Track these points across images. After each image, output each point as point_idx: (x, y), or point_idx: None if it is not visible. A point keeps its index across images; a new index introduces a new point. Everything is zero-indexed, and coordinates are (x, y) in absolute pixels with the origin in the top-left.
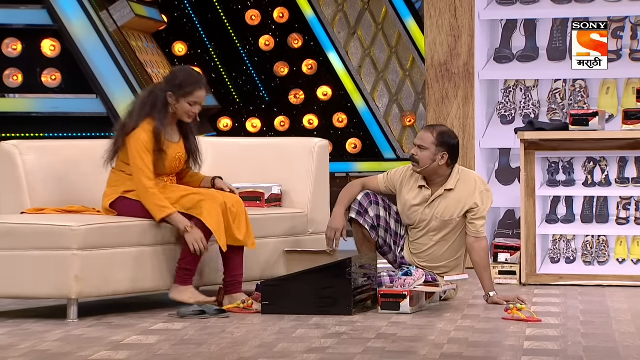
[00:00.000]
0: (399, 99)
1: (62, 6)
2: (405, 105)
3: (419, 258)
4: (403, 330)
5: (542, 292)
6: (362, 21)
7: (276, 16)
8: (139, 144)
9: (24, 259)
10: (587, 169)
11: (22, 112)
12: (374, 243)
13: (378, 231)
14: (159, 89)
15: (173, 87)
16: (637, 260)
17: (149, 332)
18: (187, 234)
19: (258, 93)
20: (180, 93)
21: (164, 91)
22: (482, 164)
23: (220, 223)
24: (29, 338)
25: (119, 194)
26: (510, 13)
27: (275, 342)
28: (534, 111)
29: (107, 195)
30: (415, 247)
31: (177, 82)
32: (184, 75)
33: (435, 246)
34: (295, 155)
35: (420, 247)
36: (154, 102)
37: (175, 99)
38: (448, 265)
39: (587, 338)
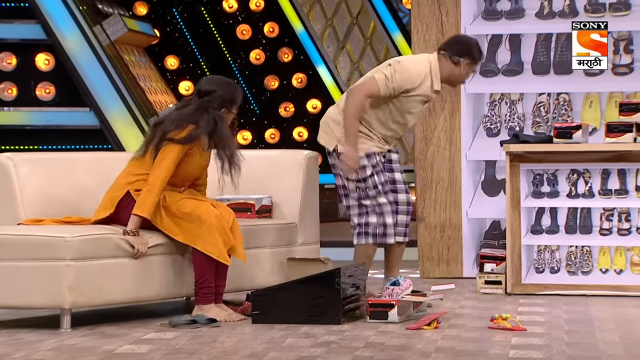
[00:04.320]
0: None
1: (56, 21)
2: None
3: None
4: (391, 339)
5: (527, 302)
6: (351, 36)
7: (267, 31)
8: (173, 152)
9: (18, 269)
10: (571, 180)
11: (17, 125)
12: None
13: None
14: (211, 108)
15: (226, 103)
16: (620, 270)
17: (141, 341)
18: (132, 237)
19: (249, 106)
20: (232, 106)
21: (218, 109)
22: (468, 175)
23: (219, 244)
24: (22, 347)
25: (127, 188)
26: (496, 28)
27: (265, 351)
28: (519, 124)
29: (112, 195)
30: (399, 128)
31: (229, 97)
32: (230, 88)
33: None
34: (285, 167)
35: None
36: (205, 118)
37: (228, 112)
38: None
39: (571, 347)
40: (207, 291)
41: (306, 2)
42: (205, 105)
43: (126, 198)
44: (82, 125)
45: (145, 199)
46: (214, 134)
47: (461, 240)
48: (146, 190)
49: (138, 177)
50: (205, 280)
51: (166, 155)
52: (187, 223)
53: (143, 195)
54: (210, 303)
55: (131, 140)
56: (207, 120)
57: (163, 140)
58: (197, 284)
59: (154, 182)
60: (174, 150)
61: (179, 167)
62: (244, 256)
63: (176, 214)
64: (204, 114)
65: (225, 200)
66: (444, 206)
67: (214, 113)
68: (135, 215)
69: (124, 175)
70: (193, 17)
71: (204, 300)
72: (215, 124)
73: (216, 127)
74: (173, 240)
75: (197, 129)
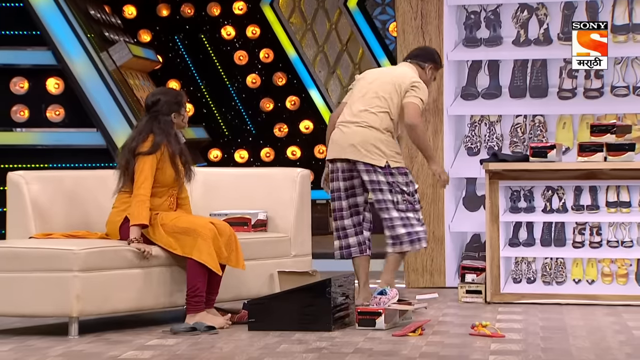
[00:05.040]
0: None
1: (66, 48)
2: None
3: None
4: (378, 345)
5: (506, 310)
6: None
7: (262, 56)
8: (146, 163)
9: (29, 280)
10: (546, 197)
11: (28, 145)
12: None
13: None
14: (161, 114)
15: (173, 106)
16: (591, 280)
17: (144, 347)
18: (137, 243)
19: (245, 127)
20: (180, 109)
21: (167, 114)
22: (450, 192)
23: (213, 254)
24: (33, 354)
25: (125, 215)
26: (476, 55)
27: (260, 356)
28: (498, 144)
29: (113, 220)
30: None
31: (175, 100)
32: (172, 93)
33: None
34: (280, 184)
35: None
36: (158, 125)
37: (178, 114)
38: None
39: (546, 352)
40: (198, 300)
41: (299, 30)
42: (155, 115)
43: (124, 222)
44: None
45: (138, 209)
46: (168, 137)
47: (444, 252)
48: (135, 201)
49: (130, 203)
50: (197, 289)
51: (143, 167)
52: (184, 237)
53: (133, 206)
54: (201, 312)
55: None
56: (160, 127)
57: (134, 158)
58: (189, 292)
59: (138, 192)
60: (146, 160)
61: (157, 177)
62: (242, 264)
63: (173, 229)
64: (154, 122)
65: (223, 215)
66: (428, 220)
67: (163, 119)
68: (134, 226)
69: (116, 206)
70: (193, 44)
71: (194, 309)
72: (167, 128)
73: (169, 131)
74: (171, 253)
75: (156, 136)
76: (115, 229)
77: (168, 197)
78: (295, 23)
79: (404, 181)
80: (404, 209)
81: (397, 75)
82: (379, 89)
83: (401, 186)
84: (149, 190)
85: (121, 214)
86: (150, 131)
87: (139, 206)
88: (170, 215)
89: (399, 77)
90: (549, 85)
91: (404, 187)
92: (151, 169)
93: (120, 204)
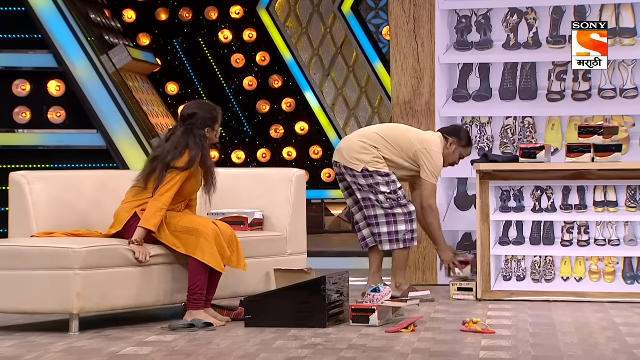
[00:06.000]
0: None
1: (67, 51)
2: None
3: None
4: (372, 342)
5: (496, 307)
6: (336, 64)
7: (259, 59)
8: (178, 177)
9: (31, 278)
10: (535, 196)
11: (30, 146)
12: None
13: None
14: (196, 128)
15: (208, 122)
16: (580, 278)
17: (144, 343)
18: (136, 246)
19: (242, 128)
20: (214, 124)
21: (202, 128)
22: (442, 192)
23: (216, 254)
24: (34, 350)
25: (134, 210)
26: (467, 58)
27: (257, 352)
28: (488, 145)
29: (122, 213)
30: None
31: (210, 116)
32: (209, 108)
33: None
34: (276, 184)
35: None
36: (194, 140)
37: (212, 130)
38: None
39: (535, 348)
40: (198, 297)
41: (295, 34)
42: (190, 127)
43: (133, 218)
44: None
45: (154, 214)
46: (203, 151)
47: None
48: (153, 205)
49: (143, 201)
50: (197, 287)
51: (173, 180)
52: (187, 236)
53: (150, 209)
54: (201, 309)
55: (135, 160)
56: (195, 141)
57: (167, 170)
58: (190, 290)
59: (160, 199)
60: (179, 177)
61: (181, 188)
62: (244, 265)
63: (177, 228)
64: (190, 135)
65: (221, 214)
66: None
67: (198, 133)
68: (141, 228)
69: (129, 199)
70: (191, 47)
71: (194, 306)
72: (202, 142)
73: (203, 145)
74: (173, 251)
75: (192, 150)
76: (123, 222)
77: (181, 203)
78: (291, 27)
79: (384, 181)
80: (389, 207)
81: (421, 135)
82: (397, 135)
83: (381, 186)
84: (170, 200)
85: (131, 210)
86: (186, 146)
87: (155, 213)
88: (175, 215)
89: (419, 136)
90: (538, 87)
91: (384, 187)
92: (180, 183)
93: (132, 197)
